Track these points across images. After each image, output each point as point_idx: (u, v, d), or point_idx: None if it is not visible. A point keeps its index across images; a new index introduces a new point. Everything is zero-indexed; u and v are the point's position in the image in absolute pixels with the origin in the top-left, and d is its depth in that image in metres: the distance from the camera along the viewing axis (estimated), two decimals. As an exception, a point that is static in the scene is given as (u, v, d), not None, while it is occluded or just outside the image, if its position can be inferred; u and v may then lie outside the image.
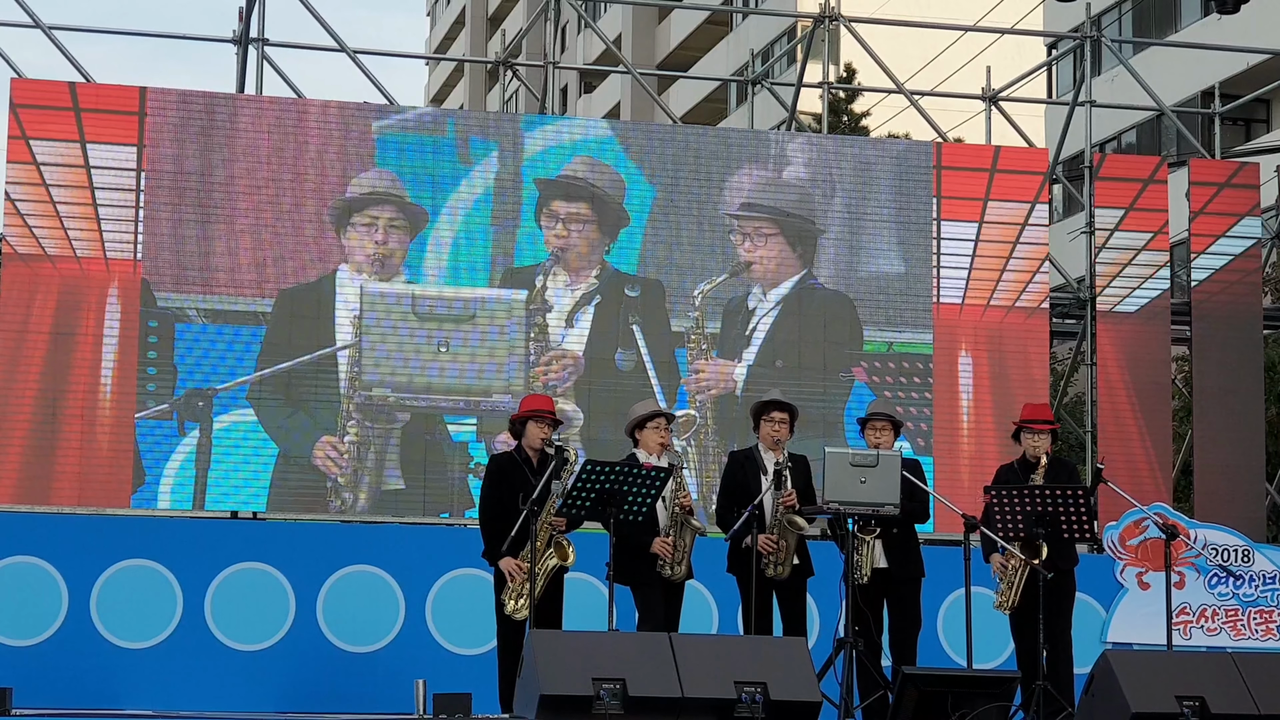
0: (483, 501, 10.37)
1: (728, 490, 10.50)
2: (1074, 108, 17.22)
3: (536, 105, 17.25)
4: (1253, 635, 13.43)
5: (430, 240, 14.99)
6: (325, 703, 12.26)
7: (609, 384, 15.02)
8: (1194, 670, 9.67)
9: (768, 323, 15.47)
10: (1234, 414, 16.26)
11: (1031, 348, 15.77)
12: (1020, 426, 10.81)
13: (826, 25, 17.01)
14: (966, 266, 15.74)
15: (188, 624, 12.41)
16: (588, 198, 15.29)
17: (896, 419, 10.72)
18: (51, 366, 14.12)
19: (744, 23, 42.60)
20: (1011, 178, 15.93)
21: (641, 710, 8.64)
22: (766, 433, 10.48)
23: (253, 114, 14.85)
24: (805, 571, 10.45)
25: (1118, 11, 33.86)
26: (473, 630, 12.16)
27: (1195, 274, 16.60)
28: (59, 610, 12.29)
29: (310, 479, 14.50)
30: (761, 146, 15.81)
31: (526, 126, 15.42)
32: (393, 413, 14.69)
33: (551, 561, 10.00)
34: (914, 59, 27.68)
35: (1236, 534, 13.80)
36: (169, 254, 14.48)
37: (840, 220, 15.68)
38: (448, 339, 14.81)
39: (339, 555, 12.76)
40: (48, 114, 14.37)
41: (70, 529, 12.75)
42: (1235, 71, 26.48)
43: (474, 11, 59.14)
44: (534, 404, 10.38)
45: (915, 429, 15.31)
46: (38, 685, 11.75)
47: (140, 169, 14.46)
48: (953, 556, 10.75)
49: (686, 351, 15.27)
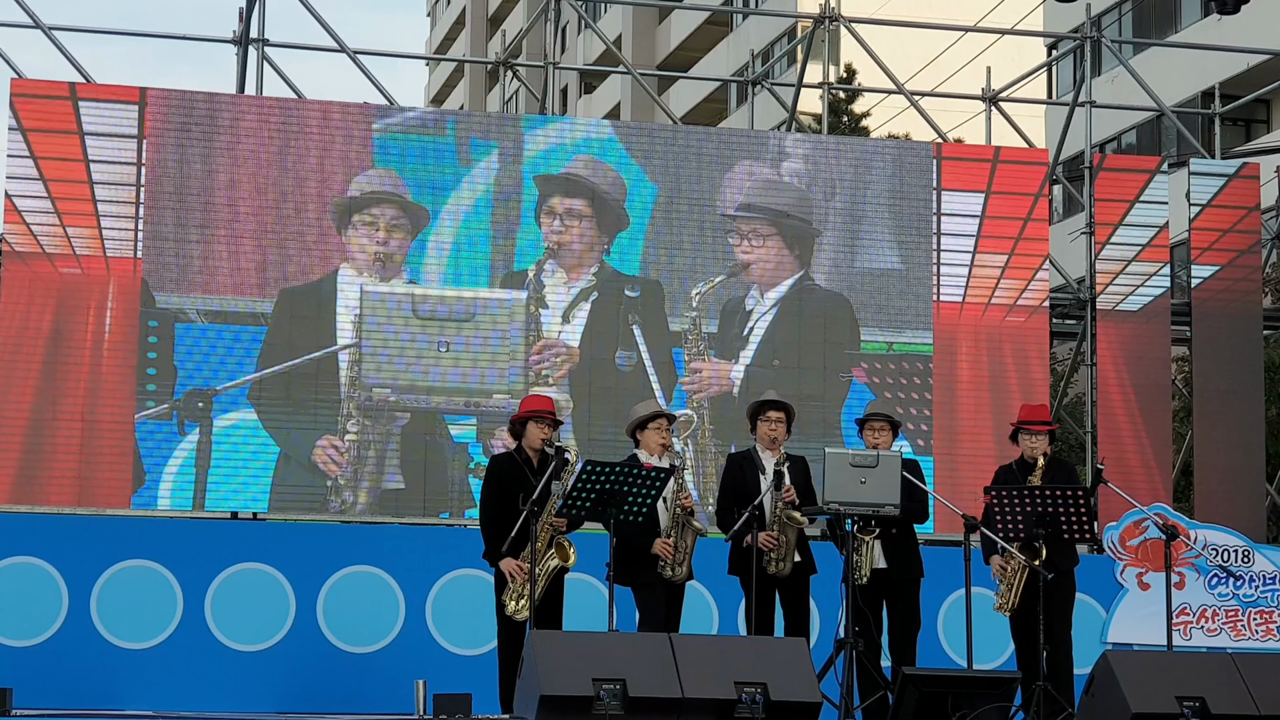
0: (483, 502, 10.37)
1: (727, 491, 10.51)
2: (1074, 108, 17.22)
3: (536, 106, 17.25)
4: (1253, 636, 13.43)
5: (431, 241, 14.99)
6: (325, 703, 12.26)
7: (608, 383, 15.02)
8: (1194, 671, 9.67)
9: (765, 323, 15.47)
10: (1234, 414, 16.26)
11: (1031, 348, 15.77)
12: (1018, 427, 10.82)
13: (826, 26, 17.01)
14: (966, 267, 15.74)
15: (188, 624, 12.41)
16: (588, 195, 15.30)
17: (895, 419, 10.73)
18: (51, 366, 14.12)
19: (744, 23, 42.60)
20: (1011, 178, 15.93)
21: (642, 711, 8.64)
22: (763, 432, 10.49)
23: (253, 114, 14.86)
24: (808, 568, 10.46)
25: (1118, 12, 33.86)
26: (473, 630, 12.17)
27: (1195, 274, 16.60)
28: (59, 611, 12.29)
29: (310, 479, 14.50)
30: (760, 147, 15.81)
31: (527, 127, 15.42)
32: (393, 413, 14.70)
33: (553, 562, 10.00)
34: (914, 59, 27.68)
35: (1236, 534, 13.80)
36: (169, 254, 14.48)
37: (839, 220, 15.68)
38: (449, 341, 14.82)
39: (339, 555, 12.77)
40: (48, 114, 14.37)
41: (70, 529, 12.75)
42: (1235, 72, 26.49)
43: (474, 12, 59.14)
44: (534, 405, 10.39)
45: (915, 429, 15.31)
46: (38, 685, 11.76)
47: (140, 169, 14.46)
48: (953, 557, 10.75)
49: (684, 352, 15.27)
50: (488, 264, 15.05)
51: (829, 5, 16.91)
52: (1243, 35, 24.31)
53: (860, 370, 15.49)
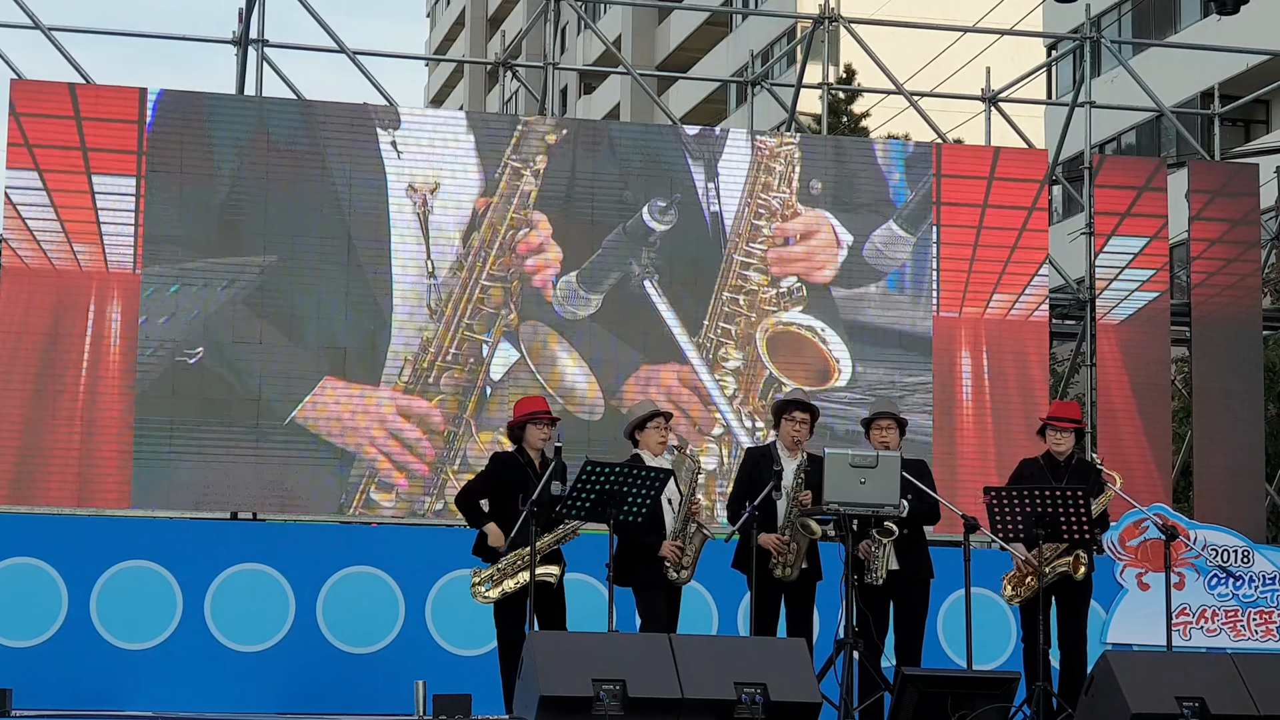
0: (471, 483, 10.42)
1: (741, 486, 10.48)
2: (1073, 109, 17.22)
3: (536, 106, 17.26)
4: (1252, 636, 13.43)
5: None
6: (325, 703, 12.26)
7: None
8: (1194, 671, 9.67)
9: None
10: (1234, 415, 16.27)
11: (1031, 349, 15.77)
12: (1045, 423, 10.85)
13: (826, 26, 17.02)
14: (966, 267, 15.74)
15: (188, 625, 12.41)
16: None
17: (901, 418, 10.72)
18: (52, 367, 14.12)
19: (744, 24, 42.61)
20: (1011, 179, 15.93)
21: (641, 711, 8.64)
22: (786, 431, 10.48)
23: (253, 115, 14.86)
24: (814, 575, 10.45)
25: (1117, 12, 33.88)
26: (473, 631, 12.15)
27: (1195, 275, 16.61)
28: (59, 611, 12.29)
29: (310, 480, 14.49)
30: (760, 147, 15.80)
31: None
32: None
33: (553, 575, 10.01)
34: (914, 60, 27.68)
35: (1236, 535, 13.80)
36: (169, 254, 14.46)
37: (839, 220, 15.68)
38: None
39: (339, 556, 12.76)
40: (48, 116, 14.36)
41: (70, 530, 12.75)
42: (1235, 72, 26.49)
43: (474, 13, 59.16)
44: (530, 406, 10.40)
45: (915, 429, 15.30)
46: (38, 686, 11.75)
47: (140, 170, 14.46)
48: (953, 557, 10.74)
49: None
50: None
51: (829, 6, 16.91)
52: (1242, 35, 24.32)
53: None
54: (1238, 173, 17.01)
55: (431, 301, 14.85)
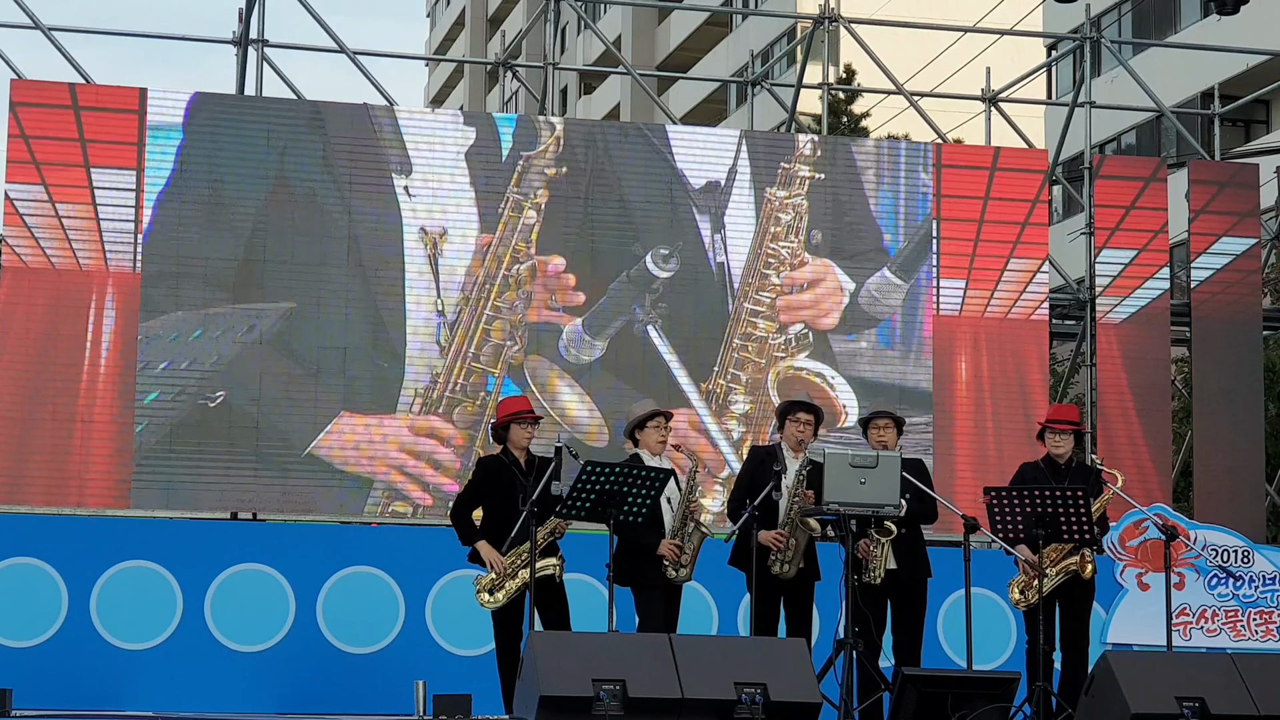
0: (461, 495, 10.45)
1: (744, 484, 10.49)
2: (1074, 109, 17.22)
3: (536, 106, 17.26)
4: (1252, 636, 13.43)
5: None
6: (325, 704, 12.26)
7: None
8: (1194, 671, 9.67)
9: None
10: (1234, 415, 16.27)
11: (1031, 349, 15.77)
12: (1044, 426, 10.84)
13: (826, 26, 17.02)
14: (966, 267, 15.74)
15: (188, 625, 12.40)
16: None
17: (899, 417, 10.73)
18: (52, 368, 14.13)
19: (744, 24, 42.60)
20: (1011, 179, 15.93)
21: (641, 711, 8.65)
22: (791, 432, 10.50)
23: (253, 115, 14.86)
24: (812, 575, 10.45)
25: (1117, 12, 33.87)
26: (473, 631, 12.14)
27: (1195, 275, 16.61)
28: (59, 611, 12.29)
29: (310, 480, 14.49)
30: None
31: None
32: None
33: (552, 567, 10.01)
34: (914, 60, 27.67)
35: (1236, 535, 13.81)
36: (169, 255, 14.47)
37: (838, 220, 15.68)
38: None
39: (339, 556, 12.76)
40: (48, 115, 14.37)
41: (70, 530, 12.75)
42: (1235, 72, 26.50)
43: (474, 13, 59.14)
44: (513, 406, 10.39)
45: (915, 429, 15.30)
46: (38, 686, 11.75)
47: (140, 170, 14.46)
48: (953, 557, 10.75)
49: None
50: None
51: (829, 6, 16.91)
52: (1242, 36, 24.32)
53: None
54: (1238, 173, 17.01)
55: (441, 338, 14.81)
